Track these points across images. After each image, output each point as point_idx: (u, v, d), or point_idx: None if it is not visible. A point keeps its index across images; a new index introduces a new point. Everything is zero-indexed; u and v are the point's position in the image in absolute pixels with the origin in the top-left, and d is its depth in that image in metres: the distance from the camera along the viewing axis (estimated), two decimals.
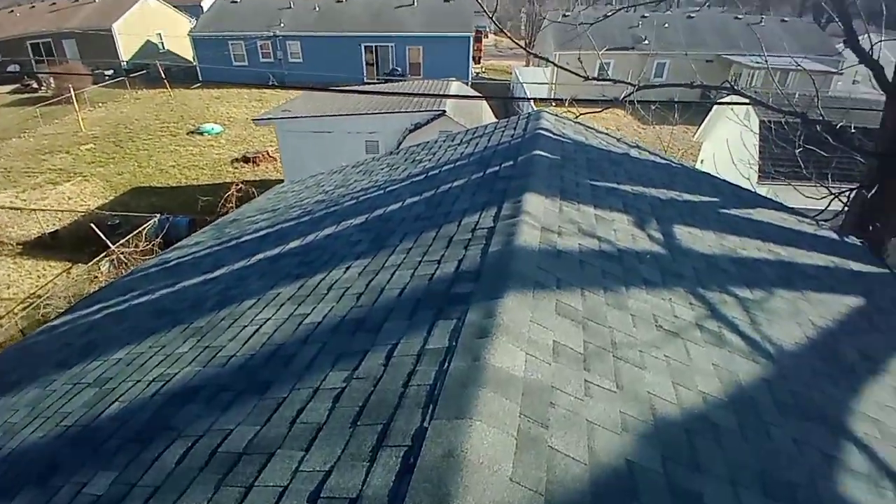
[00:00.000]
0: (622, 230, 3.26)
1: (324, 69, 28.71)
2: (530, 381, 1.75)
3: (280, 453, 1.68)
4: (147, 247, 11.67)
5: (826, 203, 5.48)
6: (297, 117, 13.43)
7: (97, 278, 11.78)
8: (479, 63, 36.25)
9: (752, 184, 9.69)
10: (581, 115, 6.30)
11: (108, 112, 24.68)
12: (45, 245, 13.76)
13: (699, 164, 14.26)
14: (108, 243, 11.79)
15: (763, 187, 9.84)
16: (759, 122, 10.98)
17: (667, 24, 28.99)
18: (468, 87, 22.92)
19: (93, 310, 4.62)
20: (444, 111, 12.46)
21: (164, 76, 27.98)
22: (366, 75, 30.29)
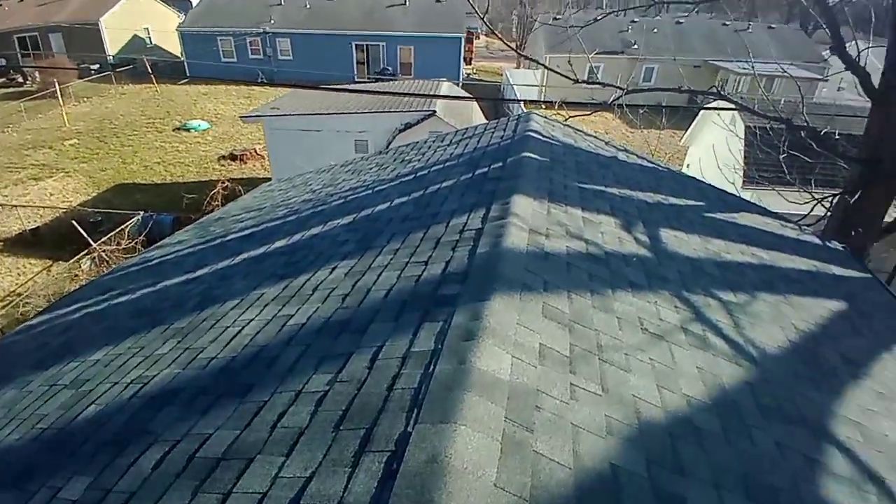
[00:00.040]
0: (609, 233, 3.26)
1: (314, 67, 28.52)
2: (516, 384, 1.73)
3: (260, 459, 1.65)
4: (130, 245, 11.48)
5: (809, 208, 5.54)
6: (285, 115, 13.31)
7: (78, 276, 11.60)
8: (470, 64, 36.30)
9: (737, 188, 9.82)
10: (570, 117, 6.31)
11: (92, 107, 24.23)
12: (25, 242, 13.49)
13: (685, 169, 14.41)
14: (90, 241, 11.59)
15: (747, 192, 9.97)
16: (745, 127, 11.14)
17: (656, 30, 29.29)
18: (459, 87, 22.94)
19: (71, 309, 4.53)
20: (435, 111, 12.44)
21: (150, 71, 27.59)
22: (356, 74, 30.15)
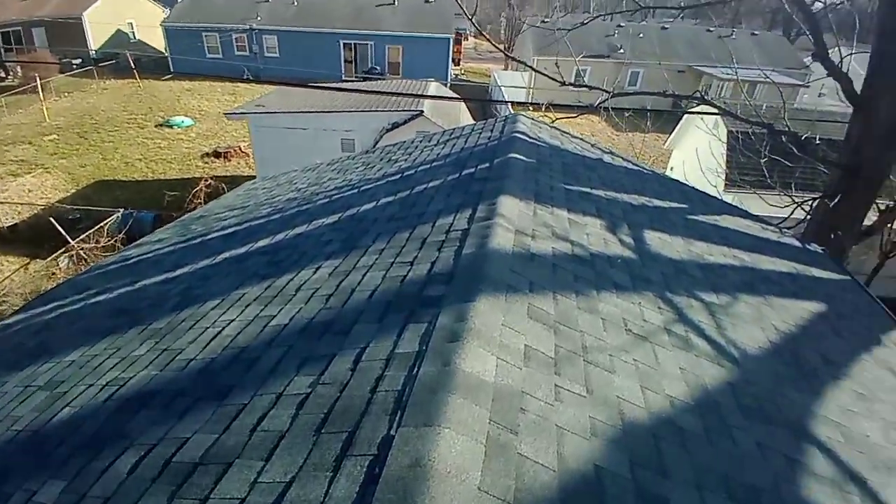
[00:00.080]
0: (594, 234, 3.27)
1: (301, 65, 28.27)
2: (501, 386, 1.72)
3: (238, 463, 1.61)
4: (109, 243, 11.27)
5: (790, 211, 5.65)
6: (271, 112, 13.16)
7: (55, 274, 11.39)
8: (458, 65, 36.34)
9: (719, 191, 9.95)
10: (557, 119, 6.34)
11: (73, 102, 23.73)
12: (3, 239, 13.18)
13: (669, 171, 14.58)
14: (68, 238, 11.35)
15: (729, 195, 10.11)
16: (727, 132, 11.30)
17: (641, 35, 29.65)
18: (447, 88, 22.93)
19: (47, 308, 4.42)
20: (422, 111, 12.40)
21: (133, 66, 27.08)
22: (344, 73, 29.96)
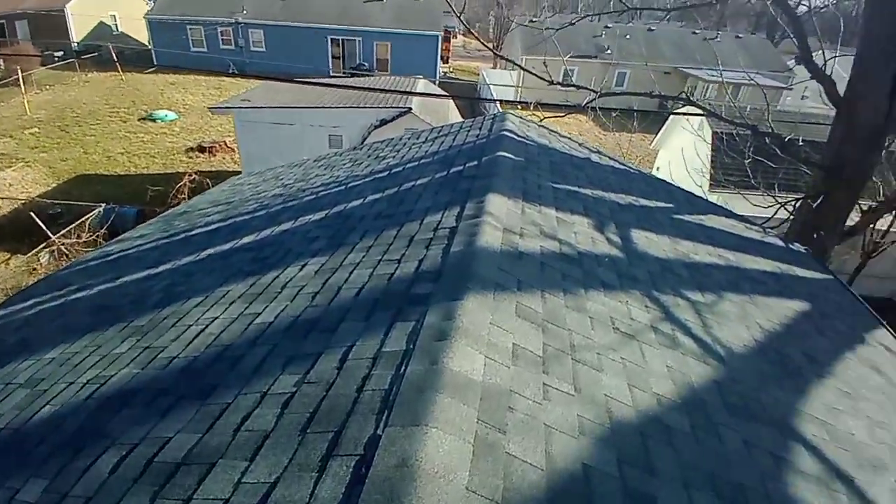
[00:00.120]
0: (582, 233, 3.28)
1: (287, 60, 27.95)
2: (489, 385, 1.71)
3: (222, 463, 1.58)
4: (90, 238, 11.06)
5: (773, 211, 5.73)
6: (257, 108, 12.99)
7: (36, 270, 11.15)
8: (447, 63, 36.27)
9: (704, 191, 10.09)
10: (545, 118, 6.35)
11: (55, 95, 23.20)
12: None
13: (655, 171, 14.73)
14: (49, 233, 11.11)
15: (714, 195, 10.25)
16: (712, 133, 11.44)
17: (628, 36, 29.89)
18: (435, 86, 22.86)
19: (27, 305, 4.31)
20: (411, 108, 12.35)
21: (116, 59, 26.56)
22: (331, 69, 29.71)
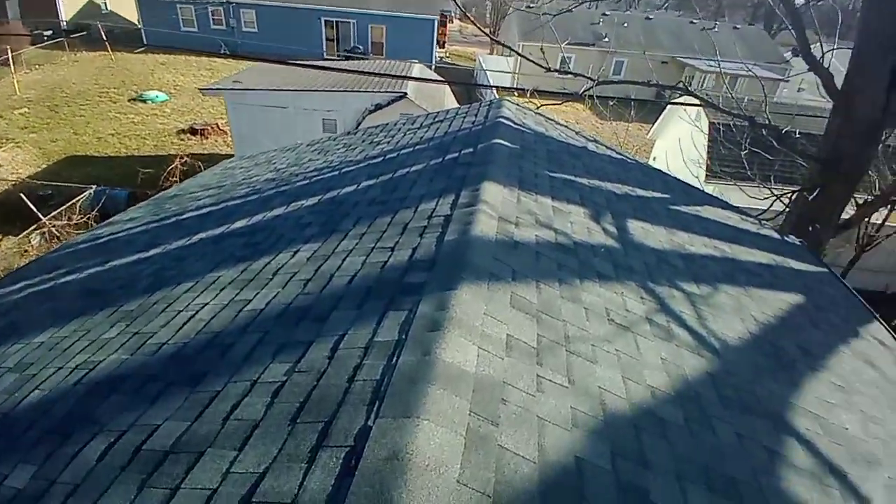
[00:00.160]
0: (578, 223, 3.26)
1: (280, 41, 27.46)
2: (482, 376, 1.69)
3: (210, 452, 1.55)
4: (81, 220, 10.92)
5: (768, 203, 5.73)
6: (249, 90, 12.77)
7: (27, 252, 11.01)
8: (443, 48, 35.80)
9: (700, 182, 10.07)
10: (542, 105, 6.28)
11: (44, 75, 22.72)
12: None
13: (652, 161, 14.71)
14: (39, 215, 10.96)
15: (710, 186, 10.25)
16: (709, 123, 11.41)
17: (626, 24, 29.62)
18: (431, 70, 22.59)
19: (16, 287, 4.24)
20: (406, 93, 12.20)
21: (105, 38, 26.00)
22: (325, 51, 29.23)
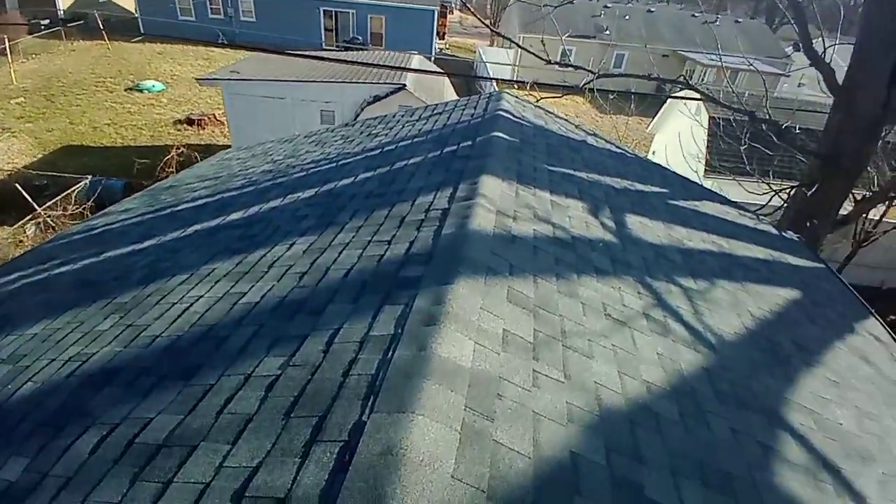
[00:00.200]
0: (577, 217, 3.24)
1: (278, 31, 27.23)
2: (478, 371, 1.68)
3: (204, 446, 1.54)
4: (77, 210, 10.86)
5: (767, 199, 5.72)
6: (246, 80, 12.66)
7: (22, 242, 10.96)
8: (443, 39, 35.55)
9: (699, 177, 10.06)
10: (541, 98, 6.25)
11: (41, 64, 22.52)
12: None
13: (651, 156, 14.66)
14: (35, 205, 10.90)
15: (709, 181, 10.23)
16: (709, 118, 11.36)
17: (627, 17, 29.42)
18: (431, 62, 22.43)
19: (11, 278, 4.22)
20: (405, 85, 12.11)
21: (102, 27, 25.72)
22: (324, 42, 28.99)
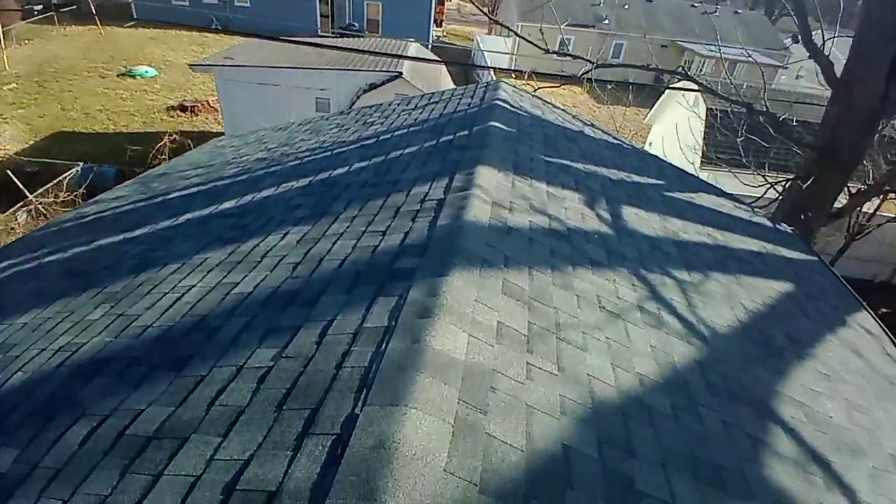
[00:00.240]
0: (573, 209, 3.23)
1: (273, 17, 26.82)
2: (472, 364, 1.67)
3: (195, 438, 1.53)
4: (69, 197, 10.76)
5: (762, 191, 5.72)
6: (240, 66, 12.49)
7: (14, 230, 10.86)
8: (440, 27, 35.19)
9: (695, 168, 10.05)
10: (539, 88, 6.20)
11: (34, 50, 22.16)
12: None
13: (648, 147, 14.63)
14: (26, 192, 10.79)
15: (705, 172, 10.23)
16: (707, 109, 11.32)
17: (626, 6, 29.17)
18: (428, 50, 22.21)
19: (1, 267, 4.17)
20: (401, 73, 12.00)
21: (94, 12, 25.28)
22: (320, 28, 28.63)
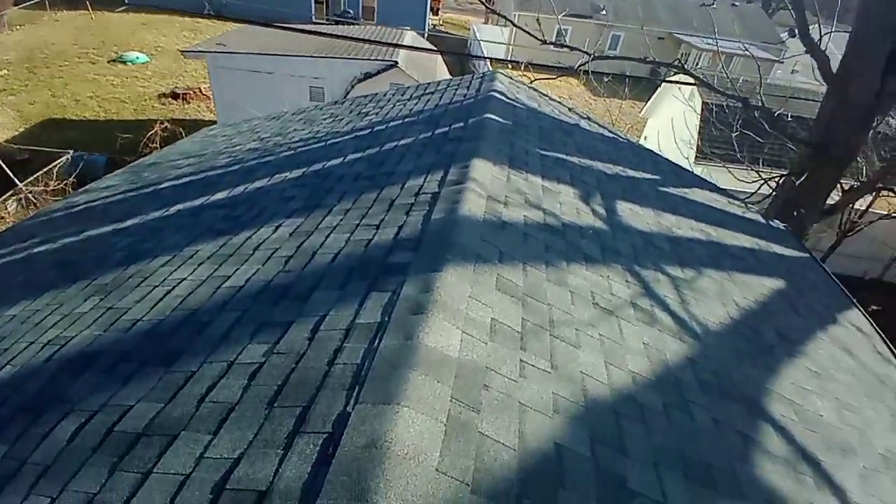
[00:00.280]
0: (567, 203, 3.21)
1: (267, 3, 26.33)
2: (465, 361, 1.66)
3: (184, 436, 1.52)
4: (59, 186, 10.62)
5: (756, 187, 5.73)
6: (232, 53, 12.30)
7: (3, 218, 10.74)
8: (437, 15, 34.83)
9: (690, 163, 10.06)
10: (536, 79, 6.16)
11: (25, 35, 21.75)
12: None
13: (643, 141, 14.62)
14: (16, 181, 10.64)
15: (699, 167, 10.24)
16: (703, 103, 11.30)
17: None
18: (424, 39, 21.99)
19: None
20: (397, 62, 11.88)
21: None
22: (314, 15, 28.25)
